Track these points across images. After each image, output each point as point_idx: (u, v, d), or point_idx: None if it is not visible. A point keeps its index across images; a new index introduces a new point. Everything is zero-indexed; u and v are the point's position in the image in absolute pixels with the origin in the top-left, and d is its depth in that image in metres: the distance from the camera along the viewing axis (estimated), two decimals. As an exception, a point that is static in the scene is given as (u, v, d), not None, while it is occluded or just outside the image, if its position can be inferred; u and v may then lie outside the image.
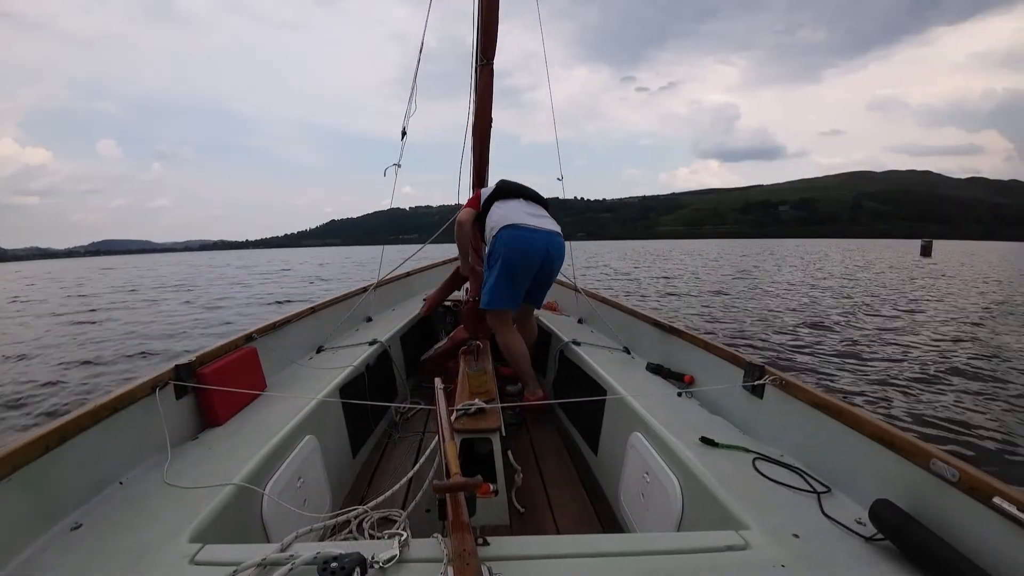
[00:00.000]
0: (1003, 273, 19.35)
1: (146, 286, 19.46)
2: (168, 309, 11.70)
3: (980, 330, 7.26)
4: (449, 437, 1.03)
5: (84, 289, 19.36)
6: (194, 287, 18.24)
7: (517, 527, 1.56)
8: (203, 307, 11.88)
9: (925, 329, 7.35)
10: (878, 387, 4.56)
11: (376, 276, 3.18)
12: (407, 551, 0.81)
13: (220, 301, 13.00)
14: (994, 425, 3.62)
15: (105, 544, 0.89)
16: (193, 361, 1.47)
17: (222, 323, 9.13)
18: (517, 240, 2.10)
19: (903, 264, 24.89)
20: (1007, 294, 11.98)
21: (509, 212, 2.17)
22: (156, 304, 12.84)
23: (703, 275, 18.33)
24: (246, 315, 10.07)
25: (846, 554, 0.87)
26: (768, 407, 1.41)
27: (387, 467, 1.98)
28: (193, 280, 22.40)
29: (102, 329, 8.84)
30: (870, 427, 1.05)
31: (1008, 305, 9.94)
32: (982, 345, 6.28)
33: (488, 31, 2.72)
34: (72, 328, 9.10)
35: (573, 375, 2.27)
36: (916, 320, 8.21)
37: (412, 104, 2.92)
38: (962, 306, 9.88)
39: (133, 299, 14.35)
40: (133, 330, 8.54)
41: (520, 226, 2.12)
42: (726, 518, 1.00)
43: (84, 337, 8.02)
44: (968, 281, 15.40)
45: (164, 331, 8.37)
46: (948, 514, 0.86)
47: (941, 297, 11.35)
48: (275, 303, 11.90)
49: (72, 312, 11.64)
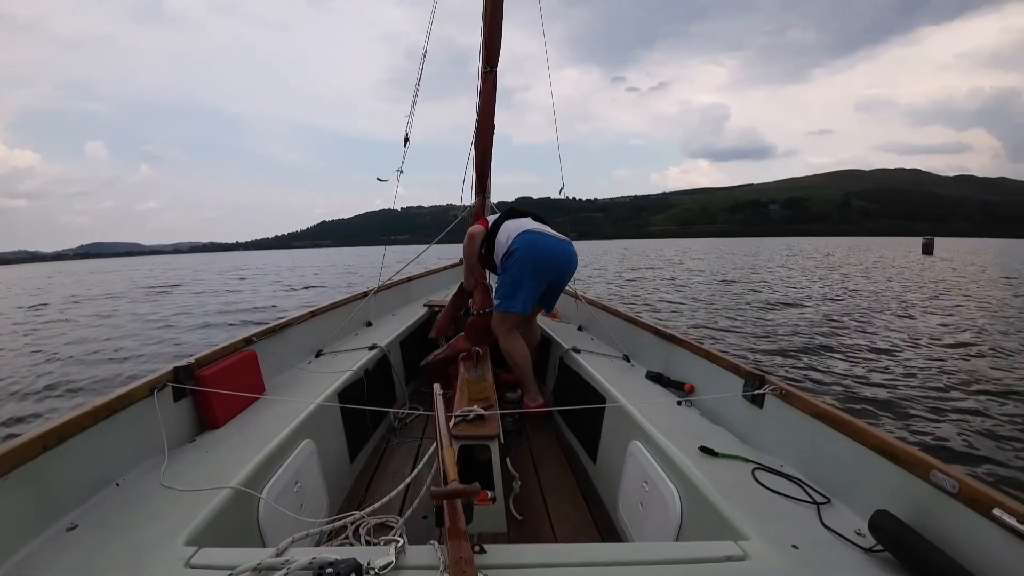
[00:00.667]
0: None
1: (99, 295, 17.38)
2: (118, 323, 10.03)
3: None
4: (447, 443, 1.03)
5: (44, 297, 17.86)
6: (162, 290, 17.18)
7: (515, 535, 1.55)
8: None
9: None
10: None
11: (377, 281, 3.18)
12: (403, 558, 0.81)
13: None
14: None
15: (101, 545, 0.89)
16: (192, 363, 1.47)
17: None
18: (536, 244, 2.21)
19: (908, 263, 24.31)
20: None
21: (522, 223, 2.27)
22: (109, 318, 10.95)
23: (728, 277, 17.30)
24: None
25: (845, 565, 0.87)
26: (768, 417, 1.41)
27: (385, 473, 1.97)
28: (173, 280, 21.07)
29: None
30: (870, 438, 1.04)
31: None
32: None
33: (491, 39, 2.74)
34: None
35: (573, 382, 2.26)
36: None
37: (413, 111, 2.95)
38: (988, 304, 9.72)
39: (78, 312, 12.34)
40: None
41: (536, 232, 2.24)
42: (725, 528, 0.99)
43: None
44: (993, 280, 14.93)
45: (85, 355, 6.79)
46: (948, 526, 0.85)
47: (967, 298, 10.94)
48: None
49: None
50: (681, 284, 15.28)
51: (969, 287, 13.24)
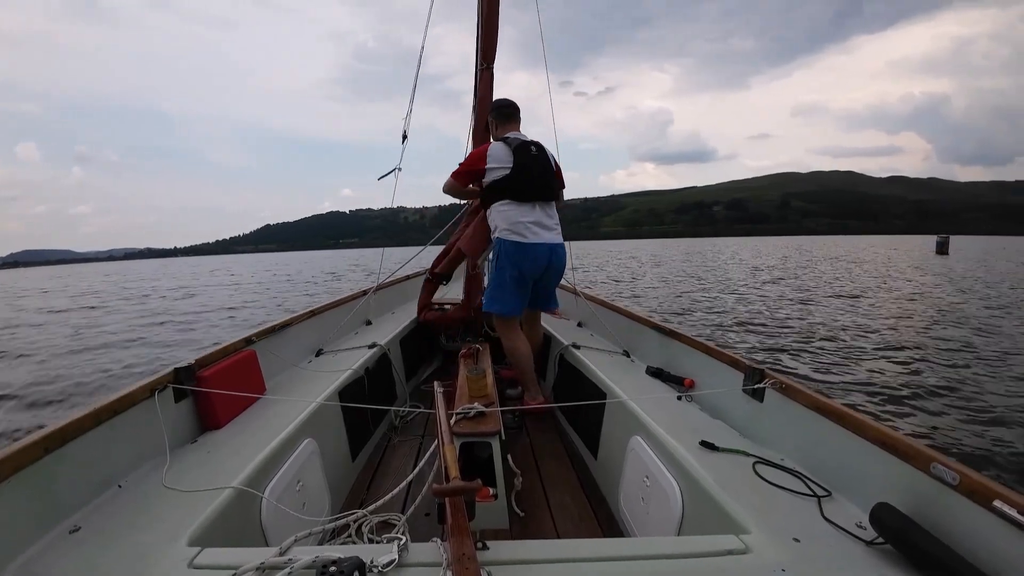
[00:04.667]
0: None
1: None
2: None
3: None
4: (448, 441, 1.03)
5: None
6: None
7: (517, 531, 1.55)
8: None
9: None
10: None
11: (376, 279, 3.18)
12: (406, 555, 0.81)
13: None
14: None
15: (104, 547, 0.89)
16: (192, 364, 1.47)
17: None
18: (517, 254, 2.13)
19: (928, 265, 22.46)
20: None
21: (514, 219, 2.12)
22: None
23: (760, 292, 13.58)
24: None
25: (847, 558, 0.87)
26: (768, 411, 1.41)
27: (386, 471, 1.98)
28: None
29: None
30: (871, 431, 1.05)
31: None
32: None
33: (489, 35, 2.74)
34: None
35: (573, 378, 2.27)
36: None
37: (411, 111, 2.97)
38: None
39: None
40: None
41: (522, 238, 2.11)
42: (726, 522, 1.00)
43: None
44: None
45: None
46: (949, 517, 0.85)
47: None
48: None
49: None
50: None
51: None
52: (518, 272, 2.15)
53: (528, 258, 2.13)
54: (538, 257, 2.15)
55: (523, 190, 2.14)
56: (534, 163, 2.17)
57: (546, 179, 2.20)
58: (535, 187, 2.16)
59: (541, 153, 2.22)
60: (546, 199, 2.21)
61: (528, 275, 2.18)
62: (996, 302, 9.86)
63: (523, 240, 2.11)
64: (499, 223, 2.15)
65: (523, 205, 2.14)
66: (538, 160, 2.19)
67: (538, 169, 2.18)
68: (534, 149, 2.20)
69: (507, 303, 2.20)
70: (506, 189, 2.13)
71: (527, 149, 2.17)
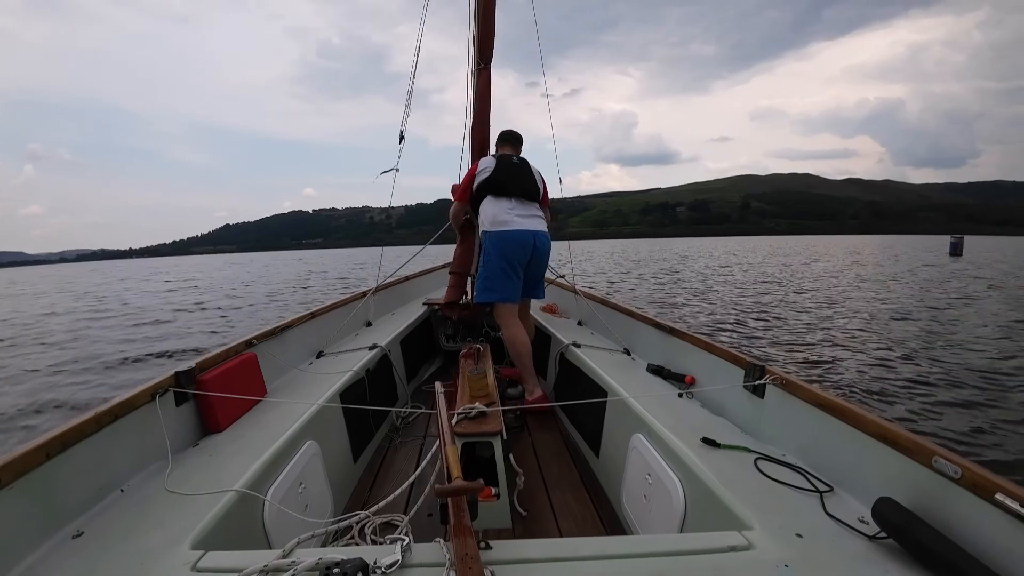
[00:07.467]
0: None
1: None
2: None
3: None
4: (450, 441, 1.03)
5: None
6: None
7: (519, 530, 1.55)
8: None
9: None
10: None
11: (375, 280, 3.18)
12: (409, 556, 0.81)
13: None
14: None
15: (107, 552, 0.89)
16: (193, 368, 1.47)
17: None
18: (503, 240, 2.28)
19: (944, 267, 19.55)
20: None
21: (497, 212, 2.30)
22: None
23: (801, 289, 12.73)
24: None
25: (850, 553, 0.87)
26: (770, 407, 1.41)
27: (388, 472, 1.98)
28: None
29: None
30: (872, 425, 1.05)
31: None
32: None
33: (485, 35, 2.77)
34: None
35: (574, 377, 2.27)
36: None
37: (408, 111, 3.01)
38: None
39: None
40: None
41: (506, 227, 2.28)
42: (729, 519, 1.00)
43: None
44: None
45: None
46: (951, 511, 0.85)
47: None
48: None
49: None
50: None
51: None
52: (505, 261, 2.28)
53: (512, 244, 2.28)
54: (523, 243, 2.29)
55: (504, 185, 2.34)
56: (513, 167, 2.41)
57: (526, 182, 2.39)
58: (514, 183, 2.36)
59: (524, 164, 2.46)
60: (529, 197, 2.39)
61: (515, 262, 2.30)
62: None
63: (506, 228, 2.28)
64: (484, 221, 2.34)
65: (504, 199, 2.33)
66: (519, 167, 2.43)
67: (516, 171, 2.40)
68: (516, 159, 2.46)
69: (500, 290, 2.30)
70: (490, 185, 2.34)
71: (509, 158, 2.45)
